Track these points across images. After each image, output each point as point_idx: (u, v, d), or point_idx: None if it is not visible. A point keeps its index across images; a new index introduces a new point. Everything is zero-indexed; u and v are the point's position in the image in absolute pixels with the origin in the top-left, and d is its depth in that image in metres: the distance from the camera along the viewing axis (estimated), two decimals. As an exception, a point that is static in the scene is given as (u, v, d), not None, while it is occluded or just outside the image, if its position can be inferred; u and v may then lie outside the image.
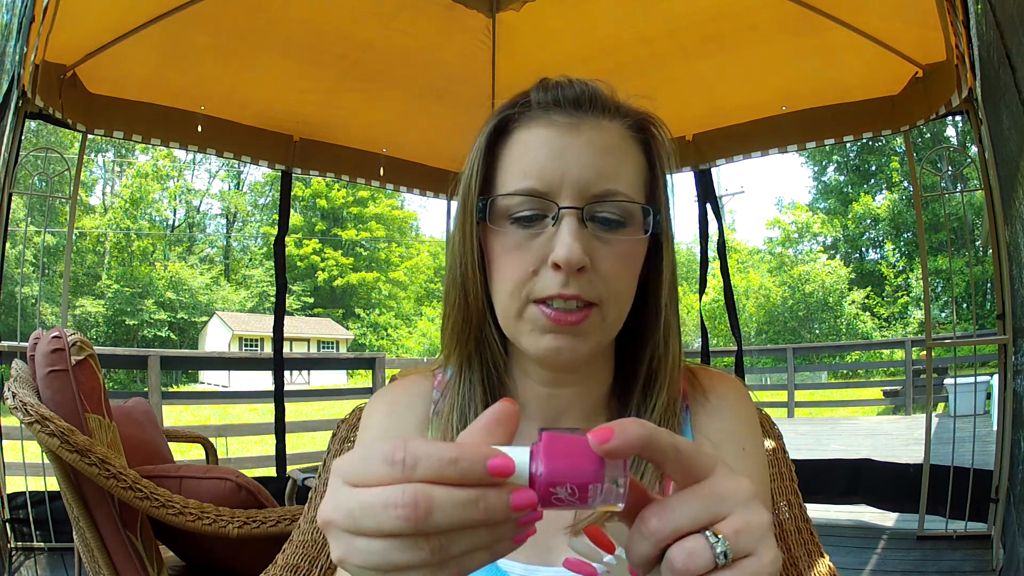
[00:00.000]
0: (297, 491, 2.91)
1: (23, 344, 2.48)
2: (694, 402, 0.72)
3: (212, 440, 2.98)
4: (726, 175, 57.17)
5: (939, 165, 3.78)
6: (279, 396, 4.09)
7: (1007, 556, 2.61)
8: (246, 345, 29.26)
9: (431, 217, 48.36)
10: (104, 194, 33.07)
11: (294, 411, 11.01)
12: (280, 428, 4.08)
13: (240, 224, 35.51)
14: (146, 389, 5.41)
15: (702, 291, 4.18)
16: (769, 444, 0.97)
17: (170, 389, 18.53)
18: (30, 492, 3.00)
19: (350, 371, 24.22)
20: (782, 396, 10.50)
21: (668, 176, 0.66)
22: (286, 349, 4.12)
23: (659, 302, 0.66)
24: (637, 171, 0.64)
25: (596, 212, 0.61)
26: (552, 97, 0.63)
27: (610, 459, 0.33)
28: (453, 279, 0.67)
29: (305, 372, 23.84)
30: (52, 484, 2.87)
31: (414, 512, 0.31)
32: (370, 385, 6.58)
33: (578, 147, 0.61)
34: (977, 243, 7.51)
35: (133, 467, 1.49)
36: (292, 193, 4.15)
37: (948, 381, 8.24)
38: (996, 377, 3.10)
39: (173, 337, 29.16)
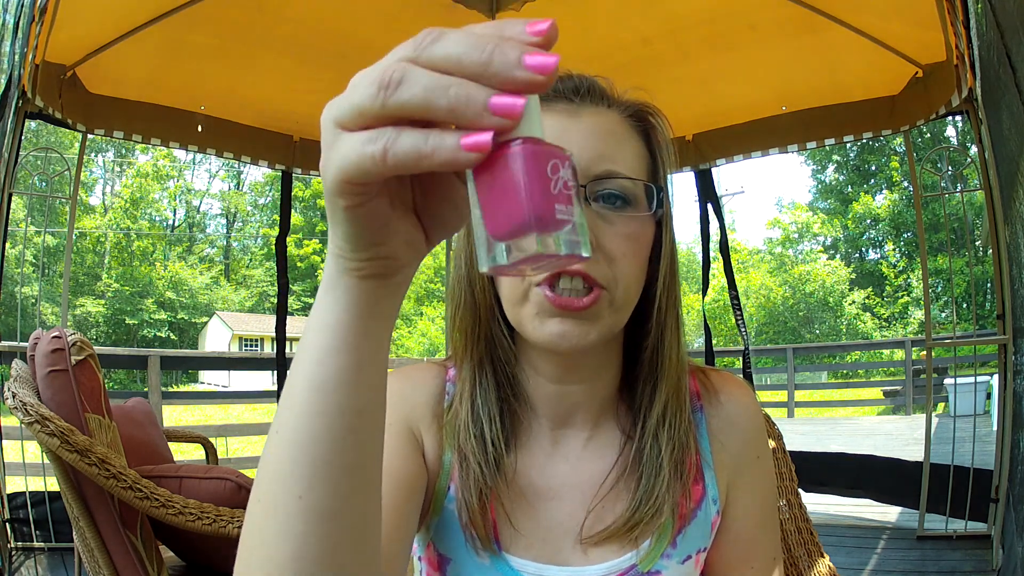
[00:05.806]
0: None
1: (23, 344, 2.48)
2: (708, 404, 0.71)
3: (212, 440, 2.98)
4: (726, 175, 57.19)
5: (939, 165, 3.78)
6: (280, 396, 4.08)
7: (1005, 556, 2.61)
8: (246, 345, 29.25)
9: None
10: (104, 194, 33.10)
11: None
12: (280, 428, 4.06)
13: (240, 224, 35.49)
14: (146, 389, 5.42)
15: (705, 291, 4.18)
16: (769, 444, 0.97)
17: (170, 389, 18.51)
18: (30, 492, 2.99)
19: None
20: (782, 396, 10.50)
21: (668, 165, 0.66)
22: (287, 349, 4.11)
23: (655, 288, 0.65)
24: (637, 157, 0.64)
25: (599, 190, 0.60)
26: (551, 87, 0.63)
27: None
28: (459, 275, 0.67)
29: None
30: (52, 484, 2.86)
31: (385, 76, 0.30)
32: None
33: (577, 131, 0.61)
34: (977, 243, 7.51)
35: (133, 467, 1.48)
36: (292, 193, 4.14)
37: (948, 381, 8.24)
38: (996, 377, 3.11)
39: (173, 337, 29.14)
